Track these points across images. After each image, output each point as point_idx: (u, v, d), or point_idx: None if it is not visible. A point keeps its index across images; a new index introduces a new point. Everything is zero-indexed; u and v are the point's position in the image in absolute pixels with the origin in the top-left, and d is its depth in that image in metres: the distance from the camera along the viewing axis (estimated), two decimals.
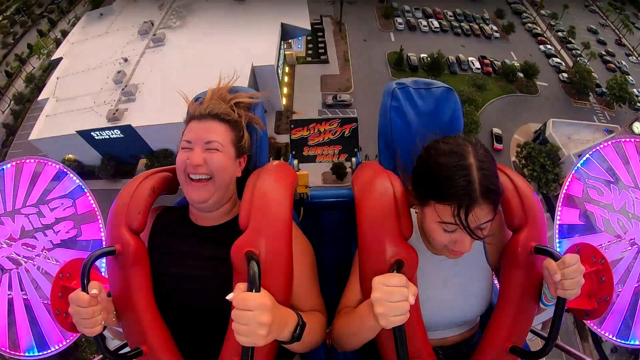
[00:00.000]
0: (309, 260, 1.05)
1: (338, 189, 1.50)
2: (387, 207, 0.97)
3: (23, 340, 1.24)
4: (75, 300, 0.82)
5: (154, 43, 22.01)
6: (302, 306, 0.97)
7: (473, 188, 0.80)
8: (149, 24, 22.95)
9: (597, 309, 0.93)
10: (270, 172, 1.06)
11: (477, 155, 0.84)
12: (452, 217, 0.82)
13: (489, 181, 0.82)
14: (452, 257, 0.93)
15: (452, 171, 0.82)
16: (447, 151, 0.86)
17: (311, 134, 1.57)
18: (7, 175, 1.28)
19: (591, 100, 25.84)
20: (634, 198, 1.28)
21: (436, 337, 1.03)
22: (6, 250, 1.23)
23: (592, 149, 1.35)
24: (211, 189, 0.99)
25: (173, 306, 0.97)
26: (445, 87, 1.20)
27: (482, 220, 0.83)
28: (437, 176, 0.85)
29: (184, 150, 1.01)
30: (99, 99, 19.38)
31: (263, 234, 0.89)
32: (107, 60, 21.40)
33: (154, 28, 22.84)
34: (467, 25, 30.40)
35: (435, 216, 0.86)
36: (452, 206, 0.81)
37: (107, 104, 18.99)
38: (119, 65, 20.75)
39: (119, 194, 1.03)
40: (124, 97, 19.19)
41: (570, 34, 30.87)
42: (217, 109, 1.04)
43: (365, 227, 0.97)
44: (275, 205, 0.95)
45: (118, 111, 18.56)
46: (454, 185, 0.81)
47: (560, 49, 30.45)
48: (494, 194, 0.82)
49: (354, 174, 1.26)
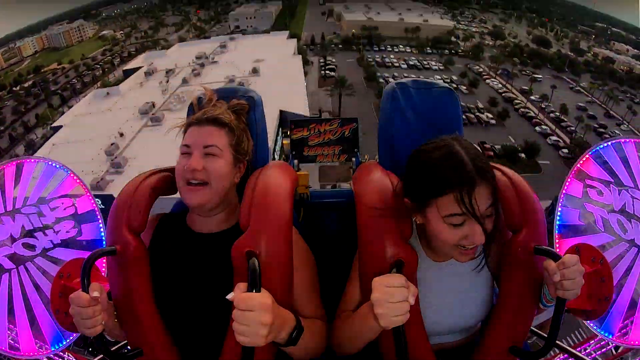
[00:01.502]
0: (309, 269, 1.05)
1: (338, 189, 1.50)
2: (387, 207, 0.97)
3: (23, 340, 1.23)
4: (76, 301, 0.82)
5: (152, 122, 22.50)
6: (302, 314, 0.96)
7: (468, 169, 0.81)
8: (150, 104, 23.83)
9: (597, 309, 0.93)
10: (270, 172, 1.06)
11: (461, 144, 0.86)
12: (456, 206, 0.82)
13: (480, 160, 0.84)
14: (464, 258, 0.91)
15: (443, 160, 0.84)
16: (432, 148, 0.88)
17: (311, 134, 1.57)
18: (7, 175, 1.28)
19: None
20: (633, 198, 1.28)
21: (436, 342, 1.03)
22: (6, 249, 1.23)
23: (591, 149, 1.35)
24: (207, 194, 0.98)
25: (173, 307, 0.97)
26: (446, 87, 1.20)
27: (485, 203, 0.83)
28: (429, 172, 0.86)
29: (183, 155, 1.01)
30: (87, 168, 19.30)
31: (263, 233, 0.89)
32: (104, 134, 21.71)
33: (155, 109, 23.59)
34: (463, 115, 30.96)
35: (439, 214, 0.86)
36: (454, 194, 0.82)
37: (94, 174, 18.92)
38: (114, 138, 21.02)
39: (119, 193, 1.03)
40: (112, 169, 19.16)
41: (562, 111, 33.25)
42: (215, 114, 1.04)
43: (365, 227, 0.97)
44: (276, 205, 0.95)
45: (103, 180, 18.34)
46: (449, 172, 0.82)
47: (555, 128, 32.45)
48: (488, 173, 0.84)
49: (354, 174, 1.26)
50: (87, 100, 26.72)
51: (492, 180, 0.85)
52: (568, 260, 0.81)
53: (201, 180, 0.98)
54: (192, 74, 27.74)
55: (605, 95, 36.26)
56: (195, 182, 0.98)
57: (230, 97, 1.16)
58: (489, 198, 0.84)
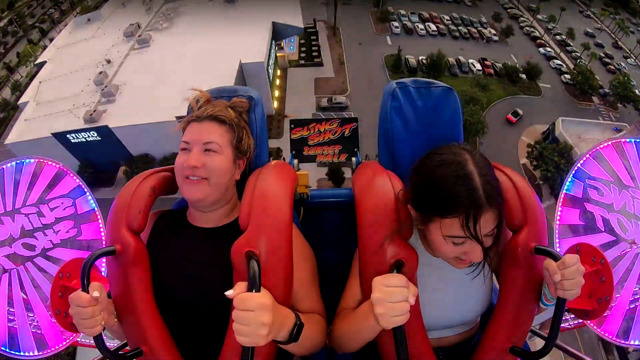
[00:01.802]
0: (309, 264, 1.05)
1: (338, 189, 1.50)
2: (387, 207, 0.96)
3: (23, 340, 1.24)
4: (76, 301, 0.82)
5: (139, 44, 21.50)
6: (301, 309, 0.96)
7: (478, 195, 0.79)
8: (135, 26, 22.52)
9: (597, 309, 0.93)
10: (270, 172, 1.06)
11: (475, 162, 0.83)
12: (460, 230, 0.81)
13: (492, 186, 0.81)
14: (461, 266, 0.92)
15: (453, 182, 0.81)
16: (444, 162, 0.84)
17: (311, 133, 1.57)
18: (7, 175, 1.28)
19: (595, 101, 25.93)
20: (634, 198, 1.28)
21: (435, 337, 1.03)
22: (6, 249, 1.23)
23: (592, 149, 1.35)
24: (206, 188, 0.99)
25: (173, 306, 0.97)
26: (446, 86, 1.20)
27: (490, 226, 0.82)
28: (438, 191, 0.83)
29: (183, 152, 1.01)
30: (78, 101, 18.79)
31: (263, 233, 0.89)
32: (91, 63, 20.91)
33: (140, 30, 22.39)
34: (465, 28, 30.51)
35: (442, 231, 0.85)
36: (460, 217, 0.80)
37: (86, 106, 18.36)
38: (102, 67, 20.26)
39: (119, 193, 1.03)
40: (104, 99, 18.54)
41: (569, 35, 31.35)
42: (215, 111, 1.04)
43: (365, 227, 0.97)
44: (276, 205, 0.95)
45: (96, 112, 17.83)
46: (459, 197, 0.79)
47: (560, 51, 30.76)
48: (498, 198, 0.82)
49: (354, 174, 1.26)
50: (68, 30, 25.12)
51: (499, 205, 0.82)
52: (568, 260, 0.81)
53: (200, 176, 0.98)
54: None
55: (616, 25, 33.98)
56: (195, 178, 0.98)
57: (230, 96, 1.17)
58: (494, 222, 0.83)
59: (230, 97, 1.18)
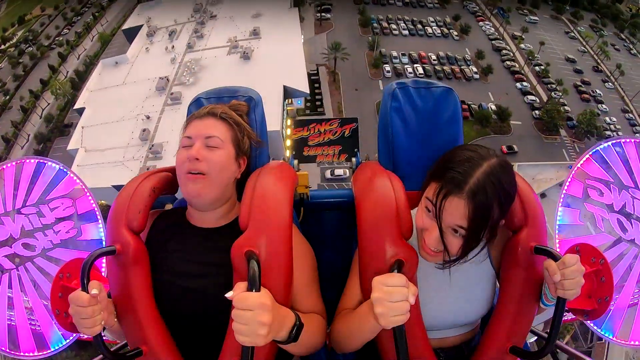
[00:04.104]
0: (309, 263, 1.05)
1: (338, 189, 1.50)
2: (387, 207, 0.97)
3: (23, 340, 1.24)
4: (75, 300, 0.82)
5: (171, 101, 22.67)
6: (301, 309, 0.96)
7: (466, 181, 0.81)
8: (165, 80, 23.76)
9: (597, 309, 0.93)
10: (270, 172, 1.06)
11: (492, 166, 0.83)
12: (432, 195, 0.85)
13: (486, 190, 0.80)
14: (423, 253, 0.93)
15: (461, 160, 0.85)
16: (470, 149, 0.89)
17: (311, 134, 1.58)
18: (7, 175, 1.28)
19: (562, 134, 28.22)
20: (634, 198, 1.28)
21: (436, 337, 1.03)
22: (6, 250, 1.23)
23: (592, 149, 1.35)
24: (207, 184, 0.99)
25: (172, 306, 0.97)
26: (445, 87, 1.20)
27: (457, 218, 0.82)
28: (446, 161, 0.88)
29: (185, 147, 1.02)
30: (128, 154, 20.07)
31: (263, 233, 0.89)
32: (129, 114, 22.10)
33: (169, 84, 23.60)
34: (449, 68, 32.64)
35: (425, 193, 0.90)
36: (439, 184, 0.84)
37: (136, 160, 19.65)
38: (142, 122, 21.51)
39: (118, 194, 1.03)
40: (152, 155, 19.83)
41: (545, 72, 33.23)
42: (217, 109, 1.07)
43: (365, 227, 0.97)
44: (276, 205, 0.95)
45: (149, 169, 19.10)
46: (452, 169, 0.84)
47: (537, 84, 32.51)
48: (481, 202, 0.80)
49: (354, 174, 1.26)
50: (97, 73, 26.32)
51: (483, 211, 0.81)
52: (568, 260, 0.81)
53: (201, 171, 0.98)
54: (194, 36, 27.12)
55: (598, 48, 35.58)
56: (196, 172, 0.99)
57: (230, 96, 1.20)
58: (464, 219, 0.81)
59: (231, 97, 1.20)
